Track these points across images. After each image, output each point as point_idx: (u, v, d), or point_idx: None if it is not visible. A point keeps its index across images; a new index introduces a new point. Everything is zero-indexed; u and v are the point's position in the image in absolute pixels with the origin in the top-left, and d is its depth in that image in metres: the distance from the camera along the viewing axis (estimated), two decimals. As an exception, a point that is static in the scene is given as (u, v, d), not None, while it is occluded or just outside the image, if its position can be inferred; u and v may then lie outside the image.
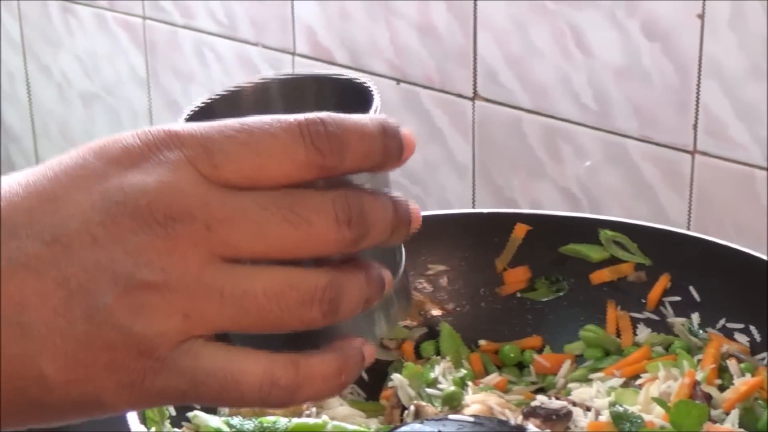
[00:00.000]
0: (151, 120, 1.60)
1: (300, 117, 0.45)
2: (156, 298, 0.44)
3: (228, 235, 0.44)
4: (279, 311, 0.45)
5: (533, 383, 0.95)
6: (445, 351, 0.96)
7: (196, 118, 0.50)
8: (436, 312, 0.99)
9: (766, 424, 0.83)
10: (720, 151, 1.08)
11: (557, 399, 0.87)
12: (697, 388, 0.85)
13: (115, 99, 1.64)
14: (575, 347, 0.96)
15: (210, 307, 0.44)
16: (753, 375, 0.87)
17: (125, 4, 1.57)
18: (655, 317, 0.96)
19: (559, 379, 0.94)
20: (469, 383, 0.90)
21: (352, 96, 0.51)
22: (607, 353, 0.95)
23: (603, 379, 0.91)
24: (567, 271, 0.98)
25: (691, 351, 0.92)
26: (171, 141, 0.45)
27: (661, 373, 0.88)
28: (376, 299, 0.48)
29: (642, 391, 0.87)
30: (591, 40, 1.13)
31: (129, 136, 0.46)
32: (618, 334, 0.96)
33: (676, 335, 0.94)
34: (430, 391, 0.89)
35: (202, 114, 0.51)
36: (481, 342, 0.98)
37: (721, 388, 0.87)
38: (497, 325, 0.99)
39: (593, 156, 1.17)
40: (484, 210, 1.06)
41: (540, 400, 0.87)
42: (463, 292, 1.00)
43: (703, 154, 1.09)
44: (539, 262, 0.99)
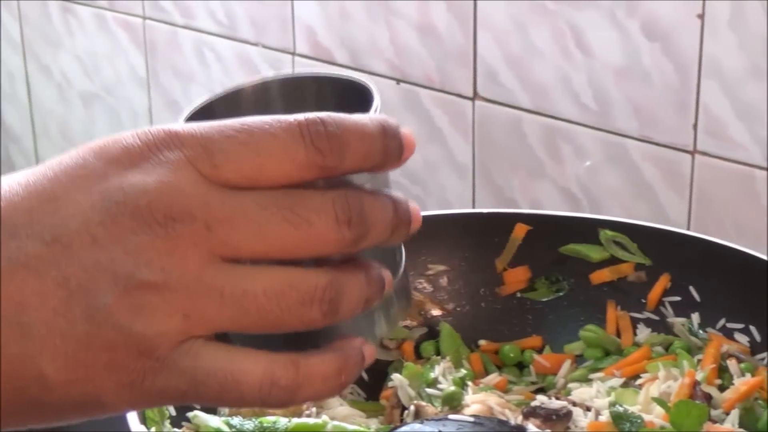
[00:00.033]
0: (151, 120, 1.60)
1: (300, 117, 0.45)
2: (156, 298, 0.44)
3: (228, 235, 0.44)
4: (279, 311, 0.45)
5: (533, 383, 0.95)
6: (445, 351, 0.96)
7: (197, 118, 0.50)
8: (436, 312, 0.99)
9: (766, 425, 0.83)
10: (720, 151, 1.08)
11: (557, 399, 0.87)
12: (697, 388, 0.85)
13: (115, 99, 1.64)
14: (575, 347, 0.96)
15: (210, 307, 0.44)
16: (753, 375, 0.87)
17: (125, 4, 1.56)
18: (655, 317, 0.96)
19: (559, 379, 0.94)
20: (469, 383, 0.90)
21: (352, 96, 0.51)
22: (607, 353, 0.95)
23: (603, 379, 0.91)
24: (567, 271, 0.98)
25: (691, 351, 0.92)
26: (171, 141, 0.45)
27: (661, 373, 0.88)
28: (376, 299, 0.48)
29: (642, 391, 0.87)
30: (591, 40, 1.13)
31: (129, 136, 0.46)
32: (618, 334, 0.96)
33: (676, 335, 0.94)
34: (430, 391, 0.89)
35: (202, 114, 0.51)
36: (481, 342, 0.98)
37: (721, 388, 0.87)
38: (497, 325, 0.99)
39: (593, 156, 1.17)
40: (484, 210, 1.06)
41: (540, 400, 0.87)
42: (463, 292, 1.00)
43: (703, 154, 1.09)
44: (539, 262, 0.99)
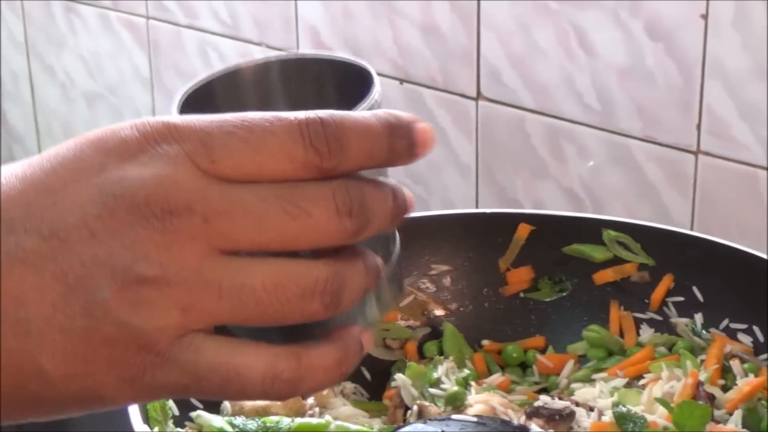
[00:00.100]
0: (155, 120, 1.60)
1: (300, 116, 0.45)
2: (154, 292, 0.43)
3: (226, 228, 0.44)
4: (279, 304, 0.45)
5: (536, 383, 0.95)
6: (448, 351, 0.96)
7: (196, 95, 0.50)
8: (439, 312, 0.99)
9: (770, 425, 0.83)
10: (723, 151, 1.08)
11: (560, 399, 0.87)
12: (700, 389, 0.85)
13: (119, 99, 1.64)
14: (578, 347, 0.96)
15: (209, 301, 0.44)
16: (756, 375, 0.87)
17: (129, 4, 1.57)
18: (659, 317, 0.96)
19: (562, 380, 0.94)
20: (472, 383, 0.90)
21: (353, 79, 0.51)
22: (610, 353, 0.95)
23: (606, 380, 0.91)
24: (570, 271, 0.98)
25: (694, 351, 0.92)
26: (170, 134, 0.45)
27: (664, 374, 0.88)
28: (372, 287, 0.47)
29: (645, 392, 0.87)
30: (594, 40, 1.13)
31: (127, 127, 0.45)
32: (621, 334, 0.96)
33: (680, 335, 0.94)
34: (433, 391, 0.89)
35: (201, 92, 0.51)
36: (484, 342, 0.98)
37: (724, 389, 0.87)
38: (500, 325, 0.99)
39: (596, 156, 1.17)
40: (487, 210, 1.06)
41: (543, 400, 0.86)
42: (466, 292, 1.00)
43: (707, 154, 1.09)
44: (542, 262, 0.98)
